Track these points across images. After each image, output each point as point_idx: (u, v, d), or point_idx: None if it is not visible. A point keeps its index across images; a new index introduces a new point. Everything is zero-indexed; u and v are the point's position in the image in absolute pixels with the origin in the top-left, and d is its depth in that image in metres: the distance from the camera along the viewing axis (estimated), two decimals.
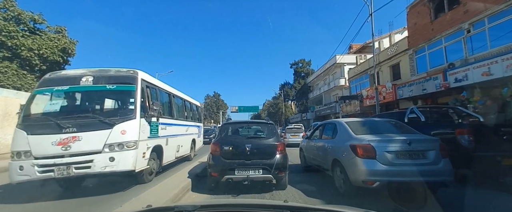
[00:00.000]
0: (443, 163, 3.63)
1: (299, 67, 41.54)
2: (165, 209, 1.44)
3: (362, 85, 20.47)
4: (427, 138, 4.02)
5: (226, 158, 4.47)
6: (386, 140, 3.84)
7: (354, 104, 19.62)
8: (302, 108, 40.92)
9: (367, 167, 3.64)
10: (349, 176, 3.88)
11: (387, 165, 3.59)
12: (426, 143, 3.81)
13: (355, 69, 21.83)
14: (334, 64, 27.10)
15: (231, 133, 5.14)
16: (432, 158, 3.63)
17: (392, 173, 3.57)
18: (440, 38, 11.92)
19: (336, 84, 27.04)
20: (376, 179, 3.57)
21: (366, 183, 3.63)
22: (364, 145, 3.78)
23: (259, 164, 4.40)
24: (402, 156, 3.64)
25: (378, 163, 3.61)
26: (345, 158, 4.04)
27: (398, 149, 3.66)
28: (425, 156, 3.66)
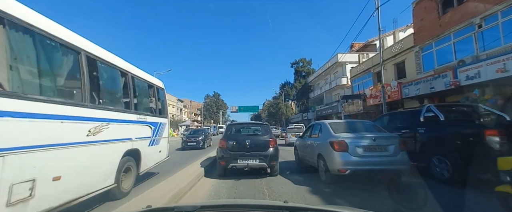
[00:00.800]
0: (401, 155, 4.54)
1: (299, 67, 41.03)
2: (165, 209, 1.44)
3: (365, 84, 19.97)
4: (389, 135, 4.93)
5: (231, 150, 5.77)
6: (357, 137, 4.78)
7: (357, 104, 19.11)
8: (303, 108, 40.40)
9: (341, 159, 4.56)
10: (328, 166, 4.77)
11: (356, 157, 4.51)
12: (388, 140, 4.72)
13: (358, 68, 21.34)
14: (335, 63, 26.60)
15: (234, 132, 6.44)
16: (392, 151, 4.53)
17: (360, 163, 4.49)
18: (449, 34, 11.42)
19: (338, 83, 26.55)
20: (348, 168, 4.46)
21: (340, 171, 4.52)
22: (339, 141, 4.67)
23: (256, 155, 5.65)
24: (368, 150, 4.57)
25: (349, 155, 4.53)
26: (326, 152, 4.93)
27: (365, 144, 4.60)
28: (386, 149, 4.57)
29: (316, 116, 30.94)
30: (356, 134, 4.99)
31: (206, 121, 69.38)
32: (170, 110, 63.66)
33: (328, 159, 4.83)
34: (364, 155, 4.55)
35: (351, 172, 4.47)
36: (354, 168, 4.48)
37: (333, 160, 4.68)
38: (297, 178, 5.57)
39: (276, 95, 54.70)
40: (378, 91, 15.70)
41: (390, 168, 4.49)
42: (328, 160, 4.82)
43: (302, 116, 34.71)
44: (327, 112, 26.96)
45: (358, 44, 28.50)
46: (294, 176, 5.75)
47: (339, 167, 4.55)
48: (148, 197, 3.78)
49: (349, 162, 4.52)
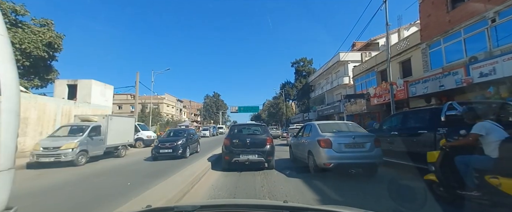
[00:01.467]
0: (375, 151, 5.35)
1: (300, 66, 40.51)
2: (165, 210, 1.46)
3: (368, 83, 19.43)
4: (366, 134, 5.80)
5: (234, 147, 6.71)
6: (340, 135, 5.61)
7: (360, 103, 18.57)
8: (303, 108, 39.88)
9: (326, 154, 5.34)
10: (316, 161, 5.57)
11: (339, 153, 5.31)
12: (365, 138, 5.52)
13: (361, 67, 20.80)
14: (337, 62, 26.07)
15: (237, 132, 7.41)
16: (368, 147, 5.33)
17: (342, 158, 5.27)
18: (459, 29, 10.88)
19: (340, 82, 26.01)
20: (332, 162, 5.25)
21: (326, 165, 5.31)
22: (325, 139, 5.46)
23: (255, 151, 6.55)
24: (349, 146, 5.37)
25: (333, 151, 5.32)
26: (314, 148, 5.69)
27: (346, 142, 5.40)
28: (364, 146, 5.37)
29: (317, 116, 30.40)
30: (339, 133, 5.85)
31: (206, 121, 68.83)
32: (170, 111, 63.26)
33: (316, 154, 5.65)
34: (345, 151, 5.37)
35: (334, 165, 5.31)
36: (337, 162, 5.30)
37: (319, 155, 5.50)
38: (291, 172, 6.36)
39: (277, 95, 54.16)
40: (383, 90, 15.16)
41: (366, 161, 5.32)
42: (316, 156, 5.64)
43: (303, 116, 34.16)
44: (329, 112, 26.43)
45: (360, 43, 27.99)
46: (288, 171, 6.54)
47: (324, 161, 5.36)
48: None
49: (333, 156, 5.33)
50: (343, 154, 5.33)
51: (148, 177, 6.42)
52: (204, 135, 36.49)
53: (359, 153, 5.36)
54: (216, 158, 8.30)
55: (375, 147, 5.37)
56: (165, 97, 63.85)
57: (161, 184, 4.81)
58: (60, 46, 13.66)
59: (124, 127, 11.41)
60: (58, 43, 13.48)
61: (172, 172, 6.36)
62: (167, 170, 7.15)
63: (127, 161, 9.60)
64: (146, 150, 15.14)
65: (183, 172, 5.87)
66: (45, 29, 13.29)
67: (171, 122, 42.44)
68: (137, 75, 22.31)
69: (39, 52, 12.57)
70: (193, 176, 5.34)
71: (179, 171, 6.14)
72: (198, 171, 5.91)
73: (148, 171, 7.56)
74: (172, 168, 7.33)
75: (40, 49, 12.62)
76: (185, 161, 9.19)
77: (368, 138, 5.49)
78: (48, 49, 13.04)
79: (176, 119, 50.31)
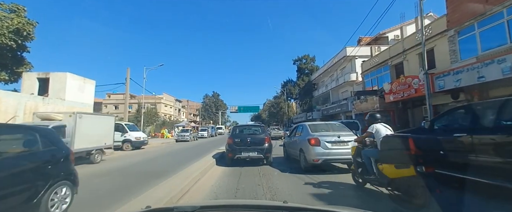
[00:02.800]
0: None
1: (302, 63, 38.69)
2: (164, 210, 1.46)
3: (380, 79, 17.61)
4: (350, 133, 6.46)
5: (236, 145, 7.69)
6: (326, 135, 6.45)
7: (372, 101, 16.75)
8: (306, 107, 38.08)
9: (315, 151, 6.17)
10: (306, 157, 6.39)
11: (326, 150, 6.15)
12: (348, 137, 6.27)
13: (371, 61, 18.96)
14: (344, 57, 24.25)
15: (238, 132, 8.47)
16: (352, 145, 5.54)
17: (328, 154, 6.13)
18: (500, 10, 9.07)
19: (346, 79, 24.18)
20: (320, 158, 6.09)
21: (314, 161, 6.12)
22: (314, 138, 6.31)
23: (255, 148, 7.53)
24: (334, 144, 6.21)
25: (321, 148, 6.16)
26: (305, 146, 6.53)
27: (333, 140, 6.24)
28: (347, 144, 6.07)
29: (321, 115, 28.59)
30: (326, 132, 6.56)
31: (205, 122, 67.06)
32: (168, 111, 61.47)
33: (306, 152, 6.39)
34: (331, 148, 6.10)
35: (322, 161, 6.05)
36: (324, 158, 6.06)
37: (309, 152, 6.21)
38: (284, 168, 7.16)
39: (277, 95, 52.41)
40: (400, 85, 13.35)
41: (350, 158, 5.23)
42: (306, 153, 6.38)
43: (306, 115, 32.33)
44: (335, 111, 24.61)
45: (367, 39, 26.18)
46: (282, 167, 7.35)
47: (313, 157, 6.09)
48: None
49: (320, 153, 6.07)
50: (330, 151, 6.06)
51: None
52: (202, 136, 34.71)
53: (343, 150, 6.00)
54: (219, 155, 9.36)
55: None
56: (163, 97, 62.13)
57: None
58: (31, 34, 11.88)
59: (100, 128, 9.61)
60: (29, 31, 11.69)
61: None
62: (133, 188, 5.26)
63: (94, 170, 7.77)
64: (134, 153, 13.39)
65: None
66: (14, 15, 11.51)
67: (168, 122, 40.61)
68: (127, 72, 20.55)
69: (4, 40, 10.79)
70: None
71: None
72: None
73: (105, 188, 5.48)
74: (139, 186, 5.26)
75: (6, 37, 10.83)
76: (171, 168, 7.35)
77: (351, 137, 6.03)
78: (16, 37, 11.25)
79: (174, 119, 48.52)
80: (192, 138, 26.70)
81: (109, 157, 10.96)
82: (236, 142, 7.66)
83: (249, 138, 7.66)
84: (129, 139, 15.22)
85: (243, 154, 7.36)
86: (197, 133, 30.69)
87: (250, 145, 7.48)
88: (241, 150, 7.42)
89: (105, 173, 7.29)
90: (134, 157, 11.37)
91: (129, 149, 15.08)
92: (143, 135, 16.45)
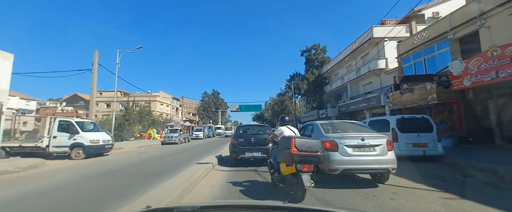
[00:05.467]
0: (388, 154, 4.69)
1: (312, 54, 33.95)
2: (164, 210, 1.44)
3: (431, 61, 12.95)
4: (377, 135, 5.05)
5: (240, 145, 7.53)
6: (346, 137, 4.89)
7: (422, 90, 12.07)
8: (315, 105, 33.43)
9: (331, 158, 4.61)
10: (319, 166, 4.63)
11: (346, 156, 4.63)
12: (376, 139, 4.81)
13: (414, 40, 14.23)
14: (369, 40, 19.57)
15: (242, 132, 8.30)
16: (380, 150, 4.67)
17: (349, 162, 4.60)
18: None
19: (372, 67, 19.48)
20: (338, 167, 4.58)
21: (330, 170, 4.64)
22: (329, 141, 4.79)
23: (259, 148, 7.33)
24: (357, 150, 4.68)
25: (339, 154, 4.65)
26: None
27: (354, 143, 4.69)
28: (374, 149, 4.70)
29: (338, 112, 23.93)
30: (345, 134, 5.13)
31: (202, 121, 62.51)
32: (164, 109, 57.08)
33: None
34: (353, 154, 4.66)
35: (340, 171, 4.60)
36: (343, 167, 4.59)
37: (323, 159, 4.53)
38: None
39: (282, 92, 47.77)
40: (490, 61, 8.63)
41: (378, 167, 4.63)
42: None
43: (318, 113, 27.65)
44: (358, 106, 19.90)
45: (392, 21, 21.42)
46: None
47: (329, 166, 4.65)
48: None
49: (339, 161, 4.63)
50: (351, 158, 4.64)
51: None
52: (197, 136, 30.14)
53: (369, 157, 4.67)
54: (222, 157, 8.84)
55: (387, 150, 4.70)
56: (159, 95, 57.81)
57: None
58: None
59: None
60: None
61: None
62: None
63: None
64: (75, 165, 8.85)
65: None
66: None
67: (159, 121, 36.07)
68: (95, 54, 16.00)
69: None
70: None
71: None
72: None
73: None
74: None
75: None
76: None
77: (380, 140, 4.82)
78: None
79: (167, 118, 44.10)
80: (182, 139, 22.15)
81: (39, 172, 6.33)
82: (240, 142, 7.66)
83: (253, 138, 7.59)
84: (80, 143, 10.65)
85: (247, 154, 7.41)
86: (189, 133, 26.08)
87: (254, 145, 7.40)
88: (244, 150, 7.47)
89: None
90: (50, 177, 6.69)
91: (80, 157, 10.54)
92: (105, 137, 11.87)
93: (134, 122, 33.06)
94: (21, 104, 53.39)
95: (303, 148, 3.73)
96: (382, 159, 4.58)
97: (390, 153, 4.67)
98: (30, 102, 57.45)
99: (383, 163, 4.58)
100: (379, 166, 4.58)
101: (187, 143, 22.30)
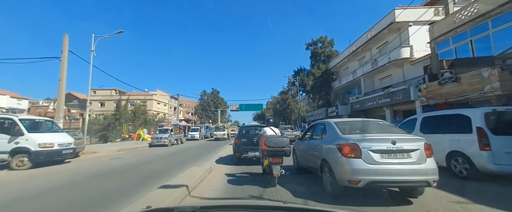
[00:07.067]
0: (427, 162, 3.66)
1: (318, 48, 31.17)
2: (165, 210, 1.44)
3: (482, 43, 10.17)
4: (411, 137, 4.01)
5: (243, 145, 8.00)
6: (371, 139, 3.81)
7: (474, 79, 9.31)
8: (321, 103, 30.69)
9: (352, 166, 3.64)
10: (336, 176, 3.90)
11: (372, 164, 3.59)
12: (410, 143, 3.80)
13: (457, 17, 11.39)
14: (389, 26, 16.81)
15: (245, 132, 8.89)
16: (416, 157, 3.65)
17: (377, 173, 3.56)
18: None
19: (393, 57, 16.70)
20: (361, 179, 3.56)
21: (351, 182, 3.64)
22: (350, 144, 3.81)
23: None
24: (386, 155, 3.67)
25: (363, 162, 3.62)
26: (332, 157, 4.09)
27: (383, 148, 3.68)
28: (409, 155, 3.68)
29: (350, 110, 21.16)
30: (370, 135, 3.99)
31: (200, 121, 59.80)
32: (162, 109, 54.43)
33: (335, 166, 3.97)
34: (382, 162, 3.62)
35: (365, 184, 3.54)
36: (369, 179, 3.54)
37: (341, 168, 3.81)
38: (297, 188, 4.82)
39: (284, 90, 45.02)
40: None
41: (415, 179, 3.57)
42: (335, 168, 3.97)
43: (327, 111, 24.88)
44: (377, 103, 17.07)
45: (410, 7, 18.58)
46: (293, 186, 4.92)
47: (349, 177, 3.65)
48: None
49: (362, 171, 3.58)
50: (379, 167, 3.56)
51: None
52: (193, 137, 27.45)
53: (403, 165, 3.58)
54: (225, 156, 10.12)
55: (426, 157, 3.66)
56: (156, 93, 55.20)
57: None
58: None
59: None
60: None
61: None
62: None
63: None
64: (16, 179, 6.17)
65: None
66: None
67: (153, 121, 33.37)
68: (65, 39, 13.29)
69: None
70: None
71: None
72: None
73: None
74: None
75: None
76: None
77: (416, 143, 3.77)
78: None
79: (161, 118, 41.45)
80: (173, 141, 19.45)
81: None
82: (243, 142, 8.01)
83: (255, 139, 7.59)
84: (24, 148, 7.96)
85: (250, 154, 7.74)
86: (182, 134, 23.34)
87: (256, 145, 7.36)
88: (247, 150, 7.79)
89: None
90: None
91: (25, 166, 7.86)
92: (64, 139, 9.16)
93: (127, 122, 30.50)
94: (12, 103, 50.81)
95: (271, 145, 4.81)
96: (420, 169, 3.61)
97: (429, 160, 3.72)
98: (22, 101, 54.96)
99: (422, 173, 3.60)
100: (416, 177, 3.59)
101: (179, 145, 19.61)
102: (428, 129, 6.06)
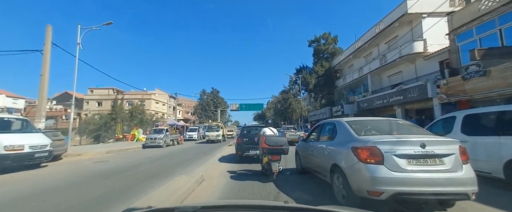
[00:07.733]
0: (464, 170, 2.98)
1: (321, 45, 29.99)
2: (165, 210, 1.41)
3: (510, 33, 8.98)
4: (443, 140, 3.34)
5: (244, 144, 8.58)
6: (395, 141, 3.13)
7: (508, 73, 8.11)
8: (324, 102, 29.52)
9: (372, 174, 2.97)
10: (351, 185, 3.23)
11: (397, 172, 2.93)
12: (443, 146, 3.10)
13: (482, 4, 10.17)
14: (400, 18, 15.62)
15: (246, 132, 9.47)
16: (451, 164, 2.98)
17: (403, 182, 2.88)
18: None
19: (405, 52, 15.49)
20: (384, 189, 2.90)
21: (372, 193, 2.97)
22: (368, 148, 3.14)
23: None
24: (414, 161, 3.00)
25: (386, 169, 2.96)
26: (346, 163, 3.42)
27: (410, 152, 3.00)
28: (442, 161, 3.01)
29: (357, 109, 19.97)
30: (391, 137, 3.34)
31: (199, 120, 58.62)
32: (160, 108, 53.27)
33: (349, 173, 3.27)
34: (409, 169, 2.92)
35: (389, 196, 2.85)
36: (394, 190, 2.84)
37: (359, 175, 3.11)
38: (303, 196, 4.26)
39: (285, 89, 43.84)
40: None
41: (451, 190, 2.87)
42: (350, 176, 3.26)
43: (331, 111, 23.67)
44: (389, 101, 15.82)
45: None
46: (298, 194, 4.39)
47: (369, 187, 2.97)
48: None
49: (386, 180, 2.89)
50: (407, 175, 2.86)
51: None
52: (191, 137, 26.33)
53: (436, 174, 2.88)
54: (227, 154, 10.77)
55: (462, 164, 2.97)
56: (155, 92, 54.10)
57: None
58: None
59: None
60: None
61: None
62: None
63: None
64: None
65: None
66: None
67: (150, 120, 32.22)
68: (47, 31, 12.13)
69: None
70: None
71: None
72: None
73: None
74: None
75: None
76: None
77: (449, 147, 3.05)
78: None
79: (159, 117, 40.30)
80: (169, 141, 18.28)
81: None
82: (245, 141, 8.58)
83: (256, 138, 7.86)
84: None
85: (251, 152, 8.24)
86: (178, 134, 22.14)
87: (257, 144, 7.47)
88: (249, 149, 8.33)
89: None
90: None
91: None
92: (38, 140, 7.98)
93: (123, 122, 29.42)
94: (8, 102, 49.68)
95: (271, 143, 5.29)
96: (457, 178, 2.85)
97: (466, 167, 2.96)
98: (18, 100, 53.81)
99: (459, 184, 2.85)
100: (452, 189, 2.83)
101: (175, 146, 18.45)
102: (474, 130, 4.82)
